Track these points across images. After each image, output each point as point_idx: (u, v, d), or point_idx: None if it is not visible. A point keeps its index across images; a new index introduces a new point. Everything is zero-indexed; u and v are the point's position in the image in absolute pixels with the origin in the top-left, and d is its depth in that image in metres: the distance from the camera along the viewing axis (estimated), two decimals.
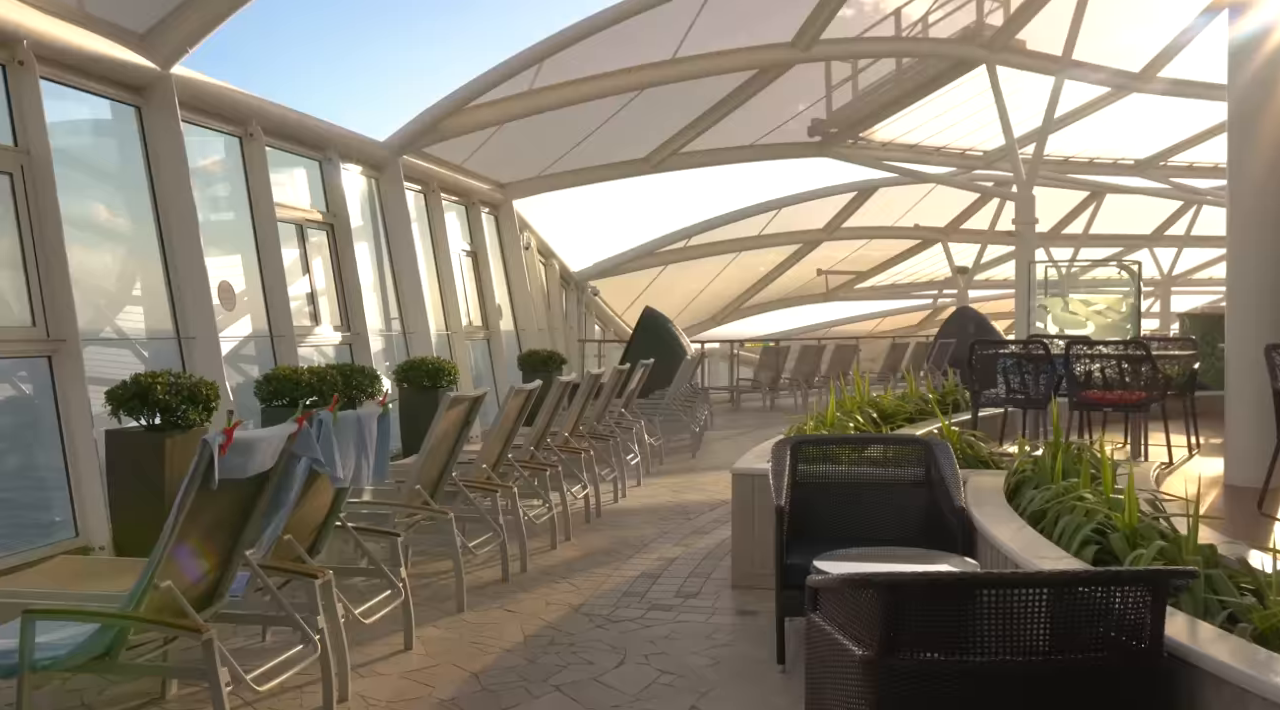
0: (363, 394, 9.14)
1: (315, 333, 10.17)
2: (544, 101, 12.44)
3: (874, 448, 5.22)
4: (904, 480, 5.07)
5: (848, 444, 5.26)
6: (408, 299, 11.93)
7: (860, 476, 5.15)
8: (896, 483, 5.07)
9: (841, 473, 5.18)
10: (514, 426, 6.71)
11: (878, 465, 5.21)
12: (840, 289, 27.03)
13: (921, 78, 16.93)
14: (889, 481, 5.09)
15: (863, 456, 5.26)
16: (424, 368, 10.33)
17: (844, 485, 5.12)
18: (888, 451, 5.19)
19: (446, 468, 5.88)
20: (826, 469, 5.19)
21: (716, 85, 14.55)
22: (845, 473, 5.18)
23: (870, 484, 5.09)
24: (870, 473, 5.15)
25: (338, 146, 10.65)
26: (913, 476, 5.08)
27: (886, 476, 5.12)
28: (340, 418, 4.25)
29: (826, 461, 5.24)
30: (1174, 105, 19.39)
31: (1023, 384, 8.29)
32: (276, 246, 9.17)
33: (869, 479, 5.12)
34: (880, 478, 5.12)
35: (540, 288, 17.19)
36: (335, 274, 10.56)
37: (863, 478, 5.13)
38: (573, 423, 8.35)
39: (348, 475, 4.30)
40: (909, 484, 5.05)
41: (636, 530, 7.50)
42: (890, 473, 5.14)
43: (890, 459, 5.20)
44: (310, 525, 4.57)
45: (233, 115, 8.99)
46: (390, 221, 11.91)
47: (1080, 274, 18.69)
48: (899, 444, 5.17)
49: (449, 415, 5.56)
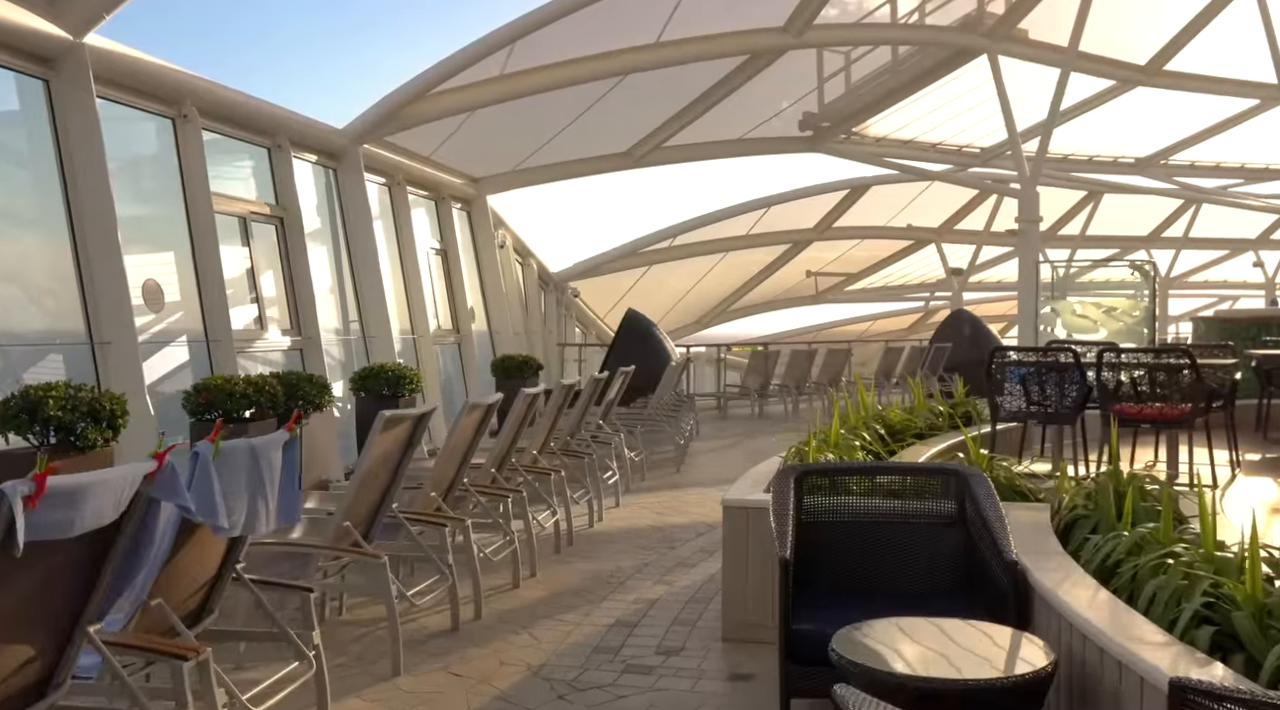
0: (310, 406, 8.24)
1: (263, 337, 9.23)
2: (516, 87, 11.52)
3: (894, 477, 4.33)
4: (932, 517, 4.19)
5: (863, 474, 4.37)
6: (368, 300, 10.99)
7: (878, 512, 4.26)
8: (923, 520, 4.19)
9: (855, 507, 4.29)
10: (470, 446, 5.80)
11: (898, 497, 4.33)
12: (830, 291, 26.19)
13: (919, 69, 16.07)
14: (914, 519, 4.20)
15: (880, 486, 4.38)
16: (383, 375, 9.44)
17: (859, 524, 4.23)
18: (911, 482, 4.30)
19: (385, 498, 4.97)
20: (837, 503, 4.30)
21: (703, 73, 13.67)
22: (860, 507, 4.29)
23: (891, 522, 4.21)
24: (890, 507, 4.26)
25: (289, 133, 9.72)
26: (943, 513, 4.20)
27: (910, 512, 4.24)
28: (224, 450, 3.34)
29: (837, 492, 4.35)
30: (1176, 102, 18.64)
31: (1043, 394, 7.43)
32: (214, 241, 8.23)
33: (889, 515, 4.23)
34: (903, 513, 4.23)
35: (516, 289, 16.26)
36: (285, 273, 9.62)
37: (882, 514, 4.25)
38: (543, 439, 7.44)
39: (237, 522, 3.38)
40: (939, 522, 4.17)
41: (613, 561, 6.59)
42: (915, 507, 4.25)
43: (913, 490, 4.31)
44: (196, 582, 3.65)
45: (163, 94, 8.05)
46: (350, 216, 10.98)
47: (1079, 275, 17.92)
48: (925, 474, 4.28)
49: (386, 436, 4.64)
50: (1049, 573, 3.36)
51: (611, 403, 9.76)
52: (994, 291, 29.17)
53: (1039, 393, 7.44)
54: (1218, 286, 32.27)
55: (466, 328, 13.75)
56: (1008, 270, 28.22)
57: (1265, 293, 28.32)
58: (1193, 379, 6.42)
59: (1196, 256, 30.24)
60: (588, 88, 12.72)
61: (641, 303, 17.06)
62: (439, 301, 13.36)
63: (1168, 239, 27.54)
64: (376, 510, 4.98)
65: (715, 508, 8.98)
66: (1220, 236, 27.60)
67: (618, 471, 8.85)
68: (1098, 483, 4.29)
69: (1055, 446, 7.47)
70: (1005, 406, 7.05)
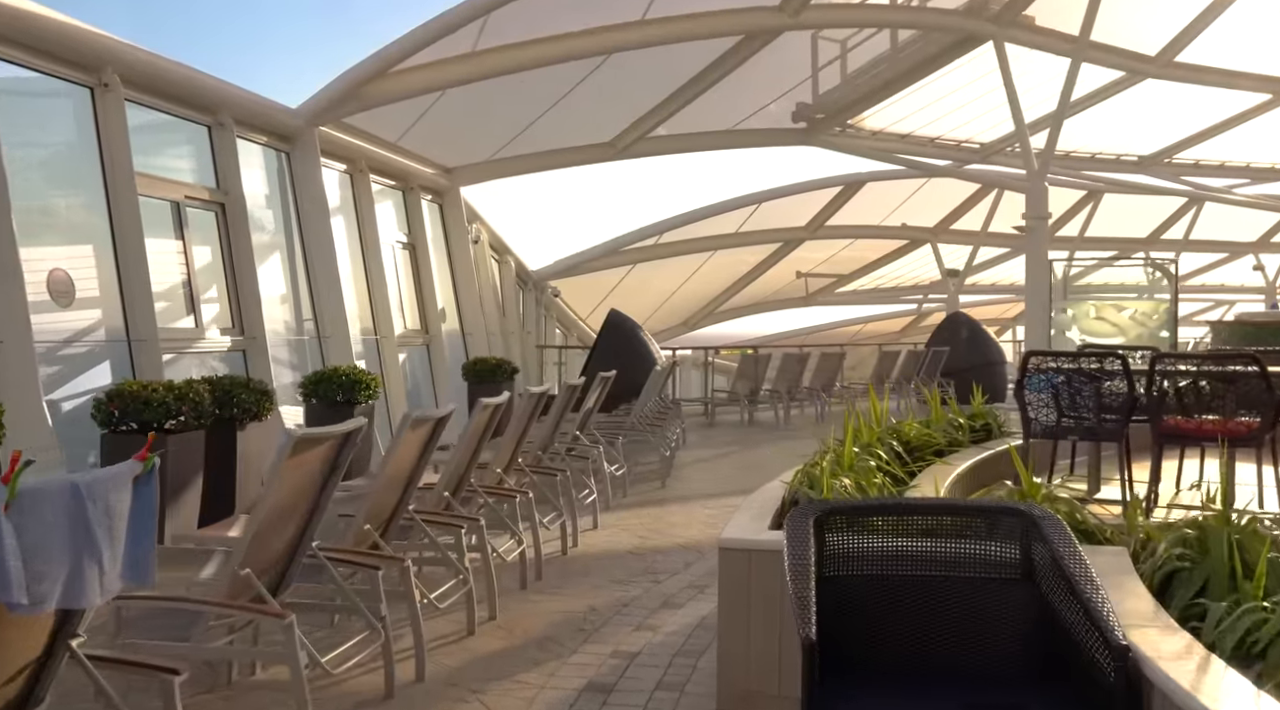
0: (247, 415, 7.28)
1: (200, 338, 8.26)
2: (488, 65, 10.56)
3: (939, 518, 3.40)
4: (989, 570, 3.25)
5: (902, 513, 3.43)
6: (324, 297, 10.02)
7: (918, 560, 3.32)
8: (978, 573, 3.26)
9: (886, 553, 3.35)
10: (415, 468, 4.85)
11: (942, 536, 3.40)
12: (820, 292, 25.31)
13: (919, 57, 15.22)
14: (965, 570, 3.27)
15: (913, 525, 3.45)
16: (337, 379, 8.49)
17: (897, 578, 3.30)
18: (959, 523, 3.37)
19: (303, 537, 4.02)
20: (864, 547, 3.36)
21: (691, 57, 12.76)
22: (893, 553, 3.34)
23: (936, 575, 3.28)
24: (933, 553, 3.33)
25: (232, 110, 8.74)
26: (1003, 563, 3.26)
27: (960, 559, 3.29)
28: (29, 493, 2.38)
29: (862, 533, 3.42)
30: (1181, 98, 17.87)
31: (1074, 404, 6.52)
32: (138, 228, 7.25)
33: (932, 564, 3.29)
34: (950, 561, 3.29)
35: (492, 288, 15.29)
36: (226, 265, 8.64)
37: (922, 562, 3.31)
38: (509, 454, 6.49)
39: (47, 594, 2.42)
40: (999, 578, 3.24)
41: (586, 599, 5.64)
42: (965, 554, 3.31)
43: (958, 530, 3.39)
44: (13, 666, 2.70)
45: (79, 59, 7.07)
46: (304, 204, 10.01)
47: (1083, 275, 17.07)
48: (980, 515, 3.35)
49: (297, 462, 3.69)
50: (1177, 666, 2.43)
51: (590, 411, 8.82)
52: (988, 294, 28.36)
53: (1070, 403, 6.54)
54: (1215, 290, 31.58)
55: (436, 328, 12.79)
56: (1003, 272, 27.42)
57: (1265, 297, 27.61)
58: (1261, 388, 5.53)
59: (1195, 260, 29.50)
60: (568, 70, 11.79)
61: (625, 303, 16.13)
62: (406, 300, 12.39)
63: (1167, 241, 26.79)
64: (293, 550, 4.03)
65: (703, 530, 8.08)
66: (1220, 239, 26.89)
67: (595, 489, 7.90)
68: (1202, 525, 3.36)
69: (1093, 466, 6.56)
70: (1040, 419, 6.13)
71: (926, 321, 29.27)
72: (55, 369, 6.66)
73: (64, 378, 6.73)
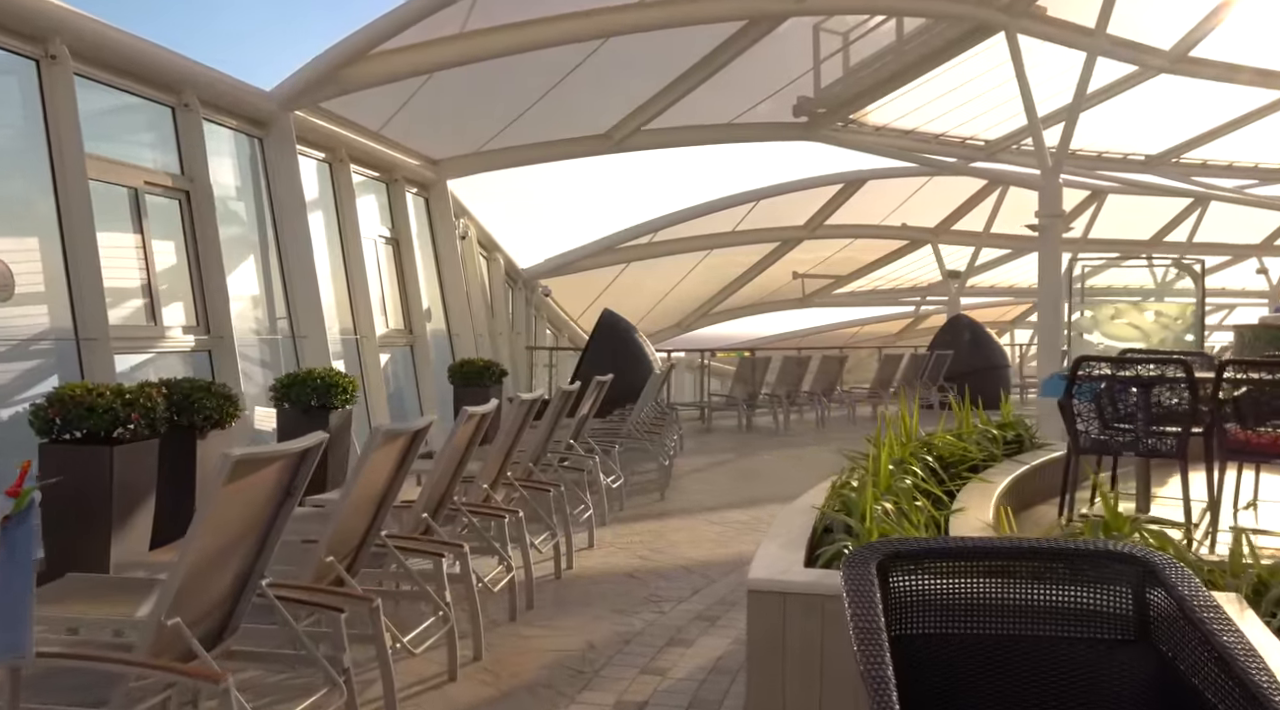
0: (208, 423, 6.62)
1: (162, 336, 7.58)
2: (476, 48, 9.90)
3: (1027, 563, 2.77)
4: (1094, 627, 2.62)
5: (978, 559, 2.79)
6: (300, 294, 9.35)
7: (1004, 613, 2.67)
8: (1079, 632, 2.62)
9: (965, 605, 2.71)
10: (387, 490, 4.20)
11: (1031, 585, 2.76)
12: (817, 294, 24.71)
13: (925, 50, 14.61)
14: (1063, 627, 2.63)
15: (997, 571, 2.81)
16: (310, 382, 7.84)
17: (976, 638, 2.66)
18: (1053, 570, 2.74)
19: (251, 574, 3.37)
20: (937, 599, 2.72)
21: (691, 45, 12.14)
22: (972, 605, 2.71)
23: (1027, 636, 2.63)
24: (1022, 604, 2.68)
25: (199, 90, 8.07)
26: (1111, 620, 2.63)
27: (1054, 613, 2.65)
28: None
29: (934, 579, 2.77)
30: (1190, 96, 17.33)
31: (1125, 416, 5.90)
32: (88, 215, 6.58)
33: (1022, 621, 2.64)
34: (1043, 616, 2.64)
35: (480, 286, 14.62)
36: (191, 258, 7.96)
37: (1009, 618, 2.66)
38: (497, 468, 5.84)
39: None
40: (1106, 639, 2.61)
41: (583, 634, 5.00)
42: (1061, 605, 2.66)
43: (1054, 577, 2.75)
44: None
45: (23, 28, 6.40)
46: (278, 194, 9.34)
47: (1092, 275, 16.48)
48: (1081, 561, 2.71)
49: (233, 490, 3.03)
50: None
51: (585, 418, 8.18)
52: (986, 296, 27.81)
53: (1120, 413, 5.93)
54: (1215, 294, 31.10)
55: (421, 328, 12.13)
56: (1002, 275, 26.88)
57: (1270, 300, 27.15)
58: None
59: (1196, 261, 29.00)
60: (562, 56, 11.15)
61: (617, 303, 15.49)
62: (389, 299, 11.72)
63: (1170, 244, 26.29)
64: (238, 590, 3.38)
65: (708, 547, 7.43)
66: (1224, 241, 26.41)
67: (591, 504, 7.25)
68: None
69: (1142, 483, 5.94)
70: (1090, 433, 5.51)
71: (923, 324, 28.71)
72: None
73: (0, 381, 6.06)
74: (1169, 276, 13.79)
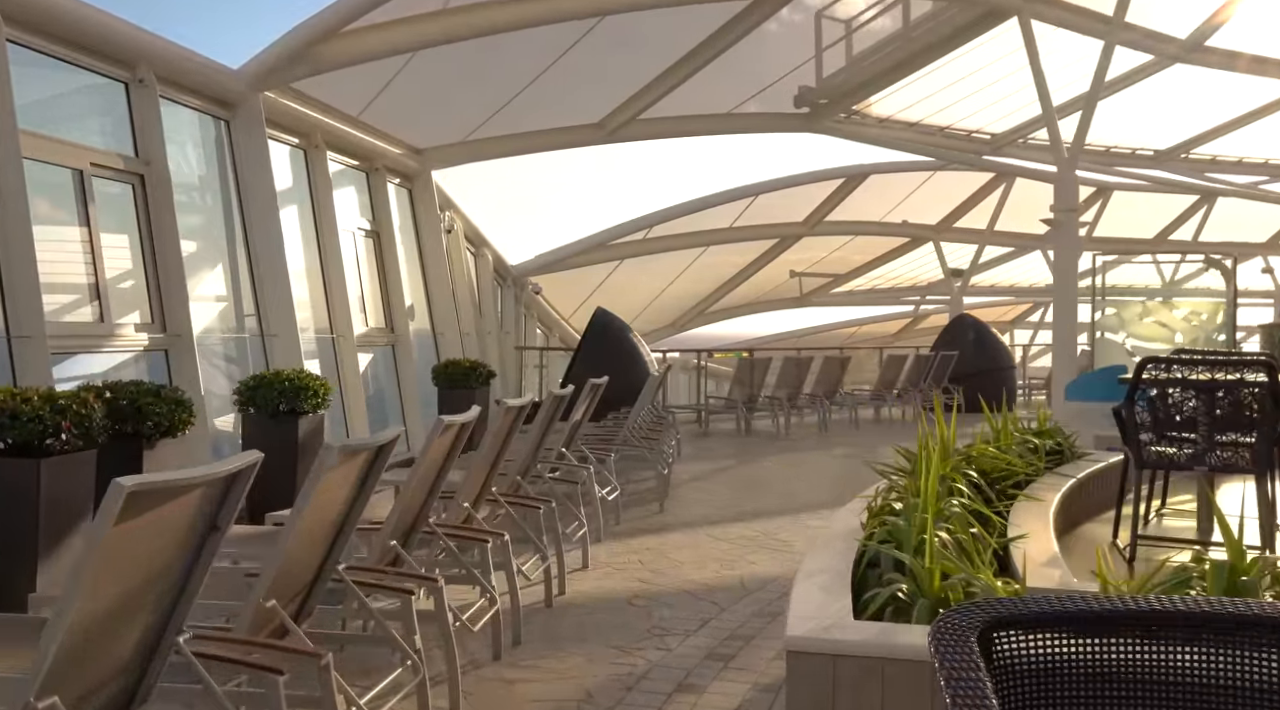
0: (157, 430, 5.93)
1: (109, 335, 6.88)
2: (460, 26, 9.21)
3: (1178, 630, 2.10)
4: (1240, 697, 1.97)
5: (1115, 624, 2.12)
6: (269, 290, 8.65)
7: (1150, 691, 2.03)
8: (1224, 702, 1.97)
9: (1097, 682, 2.05)
10: (346, 516, 3.51)
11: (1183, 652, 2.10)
12: (815, 293, 24.06)
13: (932, 37, 13.97)
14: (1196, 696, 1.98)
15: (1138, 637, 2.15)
16: (278, 385, 7.13)
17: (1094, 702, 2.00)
18: (1213, 639, 2.07)
19: (168, 625, 2.69)
20: (1058, 676, 2.06)
21: (689, 25, 11.47)
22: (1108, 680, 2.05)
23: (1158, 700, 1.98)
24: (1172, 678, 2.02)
25: (154, 65, 7.36)
26: (1265, 686, 1.98)
27: (1223, 690, 2.01)
28: None
29: (1050, 648, 2.11)
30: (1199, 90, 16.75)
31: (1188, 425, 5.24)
32: (22, 198, 5.87)
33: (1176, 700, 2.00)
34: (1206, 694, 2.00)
35: (466, 283, 13.93)
36: (145, 248, 7.26)
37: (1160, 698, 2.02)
38: (479, 483, 5.16)
39: None
40: None
41: (577, 679, 4.32)
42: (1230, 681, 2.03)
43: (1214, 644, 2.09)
44: None
45: None
46: (246, 181, 8.64)
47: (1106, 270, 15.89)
48: (1260, 629, 2.04)
49: (123, 533, 2.34)
50: None
51: (578, 424, 7.51)
52: (987, 296, 27.21)
53: (1183, 422, 5.26)
54: (1218, 294, 30.56)
55: (403, 327, 11.43)
56: (1003, 274, 26.28)
57: (1275, 301, 26.61)
58: None
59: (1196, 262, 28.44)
60: (553, 38, 10.47)
61: (610, 301, 14.82)
62: (368, 295, 11.03)
63: (1173, 242, 25.73)
64: (150, 648, 2.70)
65: (713, 568, 6.70)
66: (1228, 241, 25.85)
67: (585, 520, 6.57)
68: None
69: (1203, 502, 5.28)
70: (1154, 448, 4.85)
71: (922, 324, 28.10)
72: None
73: None
74: (1195, 274, 13.16)
